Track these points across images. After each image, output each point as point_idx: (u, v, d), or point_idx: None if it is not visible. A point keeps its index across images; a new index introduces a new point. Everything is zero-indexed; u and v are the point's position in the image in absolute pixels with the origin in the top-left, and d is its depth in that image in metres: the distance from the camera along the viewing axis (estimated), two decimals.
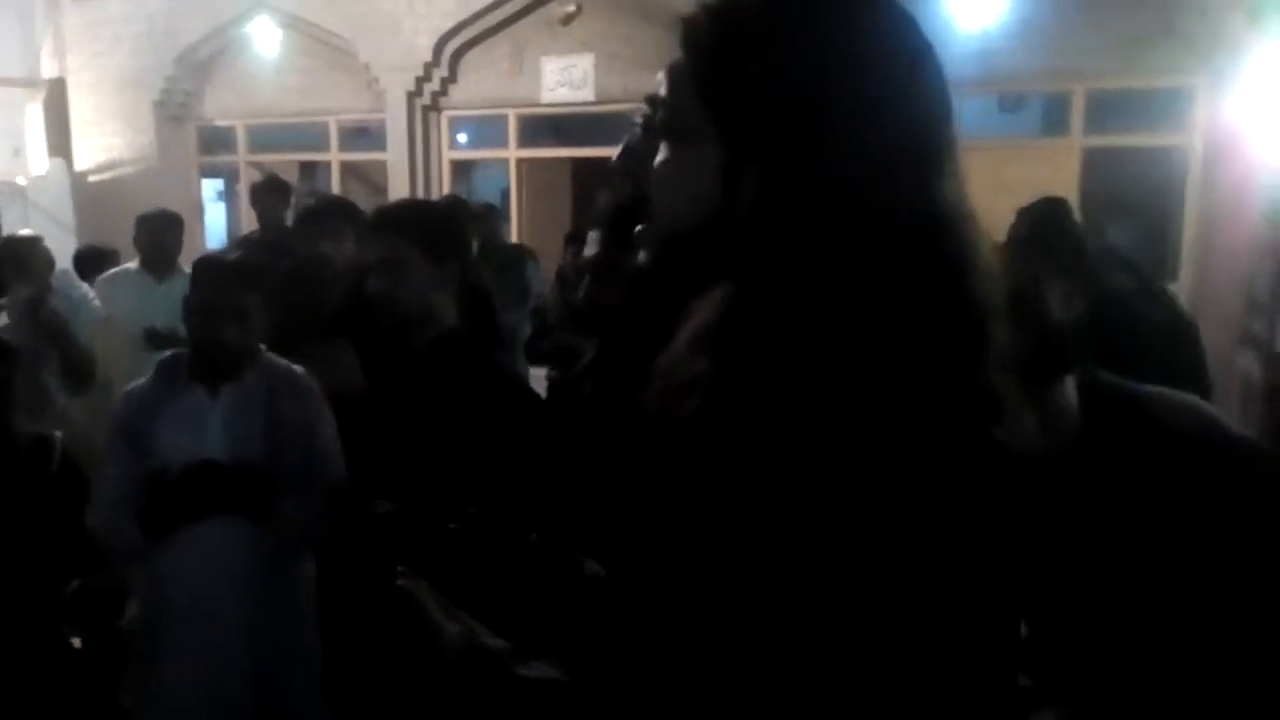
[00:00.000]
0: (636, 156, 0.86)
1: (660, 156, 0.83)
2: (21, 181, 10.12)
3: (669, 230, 0.84)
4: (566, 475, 1.58)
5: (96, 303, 4.06)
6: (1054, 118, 7.75)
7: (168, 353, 2.38)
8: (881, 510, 0.68)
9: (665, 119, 0.82)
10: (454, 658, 0.73)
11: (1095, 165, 7.06)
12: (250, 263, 2.32)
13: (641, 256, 0.89)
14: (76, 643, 2.48)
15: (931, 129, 0.77)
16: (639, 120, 0.85)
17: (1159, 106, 7.02)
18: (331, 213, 3.38)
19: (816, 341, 0.72)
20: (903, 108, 0.75)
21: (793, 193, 0.75)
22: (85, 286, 4.13)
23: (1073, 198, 5.17)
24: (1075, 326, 1.73)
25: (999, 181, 5.23)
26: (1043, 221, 3.26)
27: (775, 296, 0.75)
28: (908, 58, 0.78)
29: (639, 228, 0.83)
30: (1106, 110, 7.21)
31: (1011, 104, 7.85)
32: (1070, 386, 1.42)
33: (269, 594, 2.27)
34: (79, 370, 3.76)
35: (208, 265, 2.28)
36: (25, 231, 4.13)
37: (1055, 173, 6.72)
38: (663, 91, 0.82)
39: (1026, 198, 3.42)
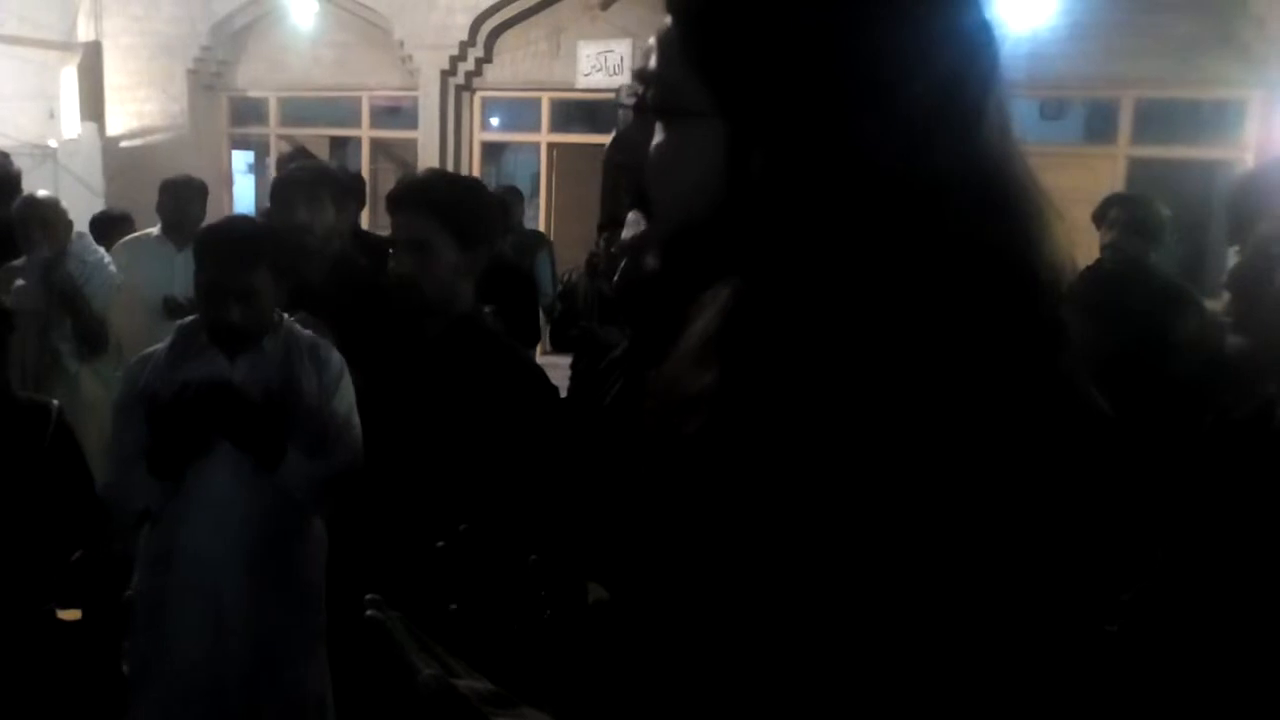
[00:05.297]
0: (630, 144, 0.73)
1: (655, 140, 0.72)
2: (53, 144, 10.11)
3: (673, 225, 0.72)
4: (580, 484, 1.47)
5: (113, 268, 4.00)
6: (1099, 126, 7.58)
7: (187, 319, 2.32)
8: (925, 552, 0.56)
9: (657, 96, 0.71)
10: (425, 704, 0.63)
11: (1141, 176, 6.88)
12: (256, 237, 2.20)
13: (649, 259, 0.76)
14: (78, 614, 2.45)
15: (971, 82, 0.65)
16: (629, 101, 0.72)
17: (1210, 118, 6.85)
18: (309, 180, 3.20)
19: (837, 344, 0.61)
20: (935, 58, 0.63)
21: (805, 170, 0.63)
22: (102, 251, 4.07)
23: None
24: None
25: None
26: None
27: (787, 294, 0.64)
28: None
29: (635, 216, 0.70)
30: (1155, 120, 7.04)
31: (1054, 110, 7.66)
32: None
33: (273, 571, 2.21)
34: (92, 335, 3.72)
35: (212, 241, 2.17)
36: (43, 193, 4.07)
37: (1098, 182, 6.55)
38: (653, 64, 0.71)
39: (1068, 207, 3.30)
